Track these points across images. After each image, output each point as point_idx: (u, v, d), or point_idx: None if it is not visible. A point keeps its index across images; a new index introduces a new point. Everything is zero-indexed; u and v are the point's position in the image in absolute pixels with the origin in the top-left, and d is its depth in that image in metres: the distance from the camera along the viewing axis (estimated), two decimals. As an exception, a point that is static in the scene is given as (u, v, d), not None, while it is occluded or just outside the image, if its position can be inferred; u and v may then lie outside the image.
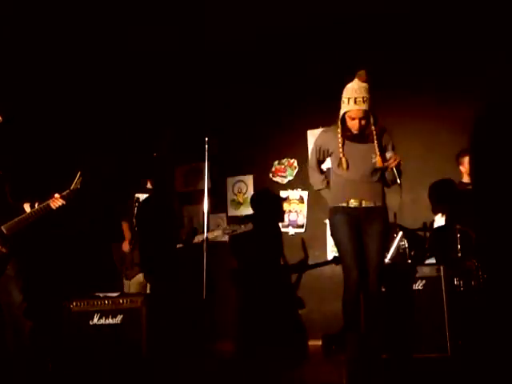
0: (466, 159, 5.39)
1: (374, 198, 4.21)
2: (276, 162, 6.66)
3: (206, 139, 5.01)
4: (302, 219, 6.46)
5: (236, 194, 6.79)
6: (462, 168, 5.50)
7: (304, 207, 6.48)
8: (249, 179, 6.76)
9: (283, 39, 6.38)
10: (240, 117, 6.72)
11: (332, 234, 4.29)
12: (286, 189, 6.58)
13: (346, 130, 4.21)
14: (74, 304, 4.74)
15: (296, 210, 6.50)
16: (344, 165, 4.16)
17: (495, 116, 5.33)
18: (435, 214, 5.56)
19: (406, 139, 5.85)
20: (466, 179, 5.49)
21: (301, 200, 6.47)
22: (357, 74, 4.21)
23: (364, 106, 4.09)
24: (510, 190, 5.28)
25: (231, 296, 6.12)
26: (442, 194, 5.63)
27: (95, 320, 4.68)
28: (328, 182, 4.39)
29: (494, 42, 5.68)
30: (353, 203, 4.18)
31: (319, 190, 4.46)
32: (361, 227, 4.20)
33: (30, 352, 4.11)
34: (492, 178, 5.30)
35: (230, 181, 6.82)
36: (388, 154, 4.16)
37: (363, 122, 4.14)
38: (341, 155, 4.18)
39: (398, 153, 4.25)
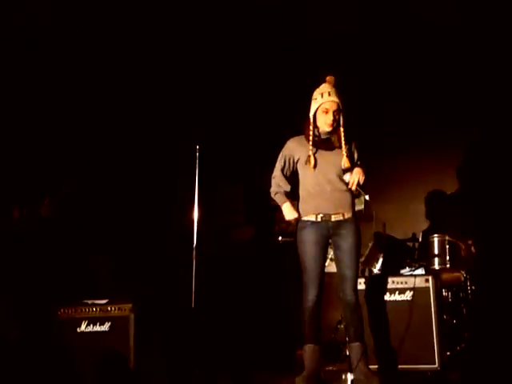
0: None
1: (343, 210, 4.19)
2: (267, 171, 6.64)
3: (197, 147, 5.00)
4: (292, 228, 6.42)
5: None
6: None
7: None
8: (239, 188, 6.75)
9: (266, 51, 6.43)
10: (233, 124, 6.71)
11: (298, 249, 4.29)
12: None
13: (315, 133, 4.23)
14: (62, 311, 4.72)
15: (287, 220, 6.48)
16: (312, 162, 4.17)
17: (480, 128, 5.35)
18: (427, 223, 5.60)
19: (395, 151, 5.91)
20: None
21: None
22: (326, 78, 4.30)
23: (337, 99, 4.16)
24: (498, 202, 5.33)
25: (222, 304, 6.12)
26: (434, 205, 5.67)
27: (83, 327, 4.66)
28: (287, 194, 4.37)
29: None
30: (321, 217, 4.17)
31: (275, 194, 4.41)
32: (332, 241, 4.22)
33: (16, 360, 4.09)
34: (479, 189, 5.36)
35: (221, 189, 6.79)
36: (346, 176, 4.14)
37: (336, 116, 4.17)
38: (310, 152, 4.18)
39: (386, 165, 4.28)
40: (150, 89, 6.63)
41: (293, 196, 4.35)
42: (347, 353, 4.36)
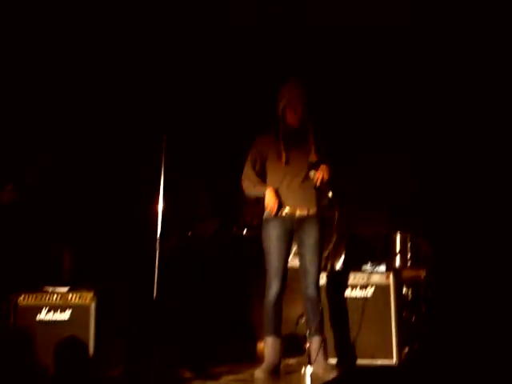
0: None
1: (308, 206, 4.24)
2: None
3: (164, 137, 4.96)
4: (257, 221, 6.44)
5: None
6: None
7: (260, 209, 6.47)
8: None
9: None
10: (201, 116, 6.70)
11: (262, 243, 4.33)
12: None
13: (284, 129, 4.25)
14: (22, 298, 4.66)
15: (254, 213, 6.50)
16: (284, 157, 4.19)
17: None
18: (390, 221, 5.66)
19: (357, 146, 5.96)
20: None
21: (256, 202, 6.46)
22: (290, 79, 4.35)
23: (304, 93, 4.24)
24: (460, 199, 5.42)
25: (184, 295, 6.12)
26: (397, 203, 5.74)
27: (42, 315, 4.61)
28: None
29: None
30: (286, 212, 4.20)
31: (249, 196, 4.50)
32: (295, 237, 4.26)
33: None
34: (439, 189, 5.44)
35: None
36: (311, 173, 4.18)
37: (304, 110, 4.23)
38: (281, 148, 4.22)
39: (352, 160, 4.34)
40: (117, 77, 6.58)
41: None
42: (307, 346, 4.43)
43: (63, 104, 6.37)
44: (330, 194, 4.14)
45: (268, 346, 4.22)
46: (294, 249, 4.46)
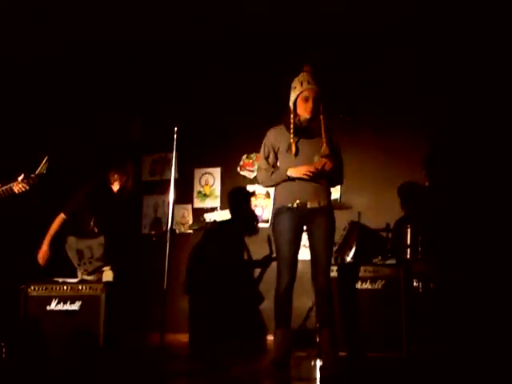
0: None
1: (319, 198, 4.22)
2: (244, 156, 6.65)
3: (176, 129, 4.96)
4: (267, 214, 6.46)
5: (203, 186, 6.76)
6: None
7: (270, 202, 6.48)
8: (216, 172, 6.74)
9: (260, 39, 6.41)
10: (210, 109, 6.70)
11: (273, 235, 4.32)
12: (253, 183, 6.57)
13: (295, 121, 4.24)
14: (32, 288, 4.69)
15: (262, 205, 6.51)
16: (293, 149, 4.18)
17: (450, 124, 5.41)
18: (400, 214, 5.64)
19: (366, 141, 5.95)
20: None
21: (267, 195, 6.47)
22: (304, 68, 4.34)
23: (316, 87, 4.22)
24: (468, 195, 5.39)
25: (195, 287, 6.14)
26: (409, 196, 5.71)
27: (53, 305, 4.64)
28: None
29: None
30: (298, 203, 4.19)
31: (268, 186, 4.44)
32: (306, 228, 4.24)
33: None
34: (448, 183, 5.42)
35: (198, 172, 6.79)
36: (315, 158, 4.18)
37: (316, 103, 4.21)
38: (291, 140, 4.20)
39: (362, 155, 4.32)
40: (128, 72, 6.62)
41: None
42: (317, 340, 4.42)
43: (74, 99, 6.40)
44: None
45: (278, 339, 4.20)
46: (305, 241, 4.43)
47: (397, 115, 6.03)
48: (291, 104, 4.30)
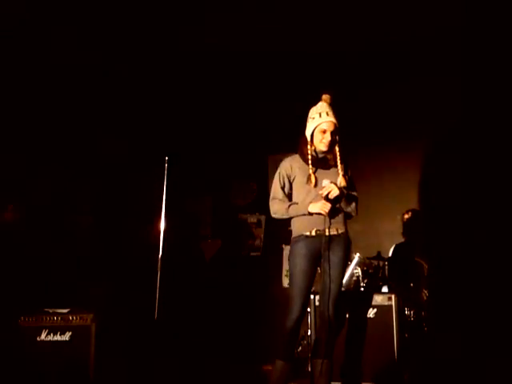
0: None
1: (337, 225, 4.20)
2: (236, 185, 6.67)
3: (166, 158, 4.98)
4: (258, 242, 6.47)
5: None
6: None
7: (261, 231, 6.49)
8: (207, 200, 6.76)
9: (248, 64, 6.43)
10: (202, 138, 6.73)
11: (289, 262, 4.28)
12: (244, 212, 6.59)
13: (311, 150, 4.24)
14: (22, 319, 4.65)
15: (253, 234, 6.52)
16: (313, 180, 4.16)
17: (446, 149, 5.48)
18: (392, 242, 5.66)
19: (363, 169, 5.98)
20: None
21: (258, 224, 6.49)
22: (323, 97, 4.30)
23: (335, 119, 4.19)
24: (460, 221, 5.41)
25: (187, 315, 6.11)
26: (399, 224, 5.74)
27: (43, 336, 4.60)
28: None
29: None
30: (316, 232, 4.17)
31: (283, 217, 4.34)
32: (322, 255, 4.20)
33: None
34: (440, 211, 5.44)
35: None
36: (324, 182, 4.16)
37: (333, 136, 4.19)
38: (310, 171, 4.17)
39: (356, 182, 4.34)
40: (120, 99, 6.62)
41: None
42: (309, 369, 4.39)
43: (67, 127, 6.41)
44: (349, 210, 4.25)
45: (277, 370, 4.10)
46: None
47: (389, 143, 6.07)
48: (308, 134, 4.26)
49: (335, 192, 4.08)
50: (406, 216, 5.66)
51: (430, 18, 5.62)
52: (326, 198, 4.09)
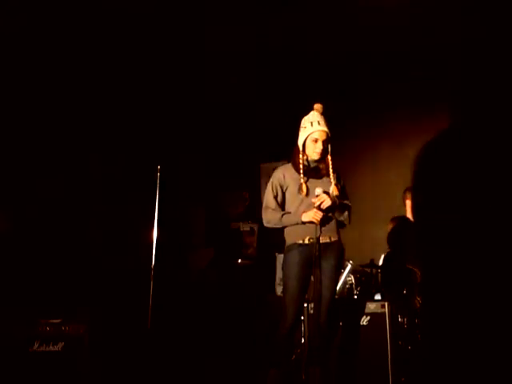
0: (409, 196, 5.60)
1: (330, 233, 4.22)
2: (228, 193, 6.68)
3: (158, 167, 4.99)
4: (251, 251, 6.47)
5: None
6: (407, 203, 5.66)
7: (254, 239, 6.49)
8: (200, 209, 6.76)
9: (240, 74, 6.45)
10: (194, 147, 6.73)
11: (283, 271, 4.28)
12: (237, 220, 6.59)
13: (303, 159, 4.26)
14: (15, 329, 4.62)
15: (246, 242, 6.52)
16: (304, 189, 4.17)
17: (435, 157, 5.54)
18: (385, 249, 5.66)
19: (354, 177, 5.99)
20: (409, 215, 5.65)
21: (251, 232, 6.49)
22: (314, 106, 4.32)
23: (327, 128, 4.21)
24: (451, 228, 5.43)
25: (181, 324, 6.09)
26: (398, 230, 5.74)
27: (35, 347, 4.57)
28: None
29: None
30: (309, 240, 4.17)
31: (275, 227, 4.35)
32: (315, 263, 4.19)
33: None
34: (431, 216, 5.47)
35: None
36: (317, 190, 4.16)
37: (325, 145, 4.21)
38: (302, 180, 4.18)
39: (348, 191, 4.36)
40: (112, 110, 6.62)
41: None
42: (303, 378, 4.38)
43: (61, 138, 6.39)
44: (342, 218, 4.28)
45: (271, 379, 4.11)
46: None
47: (382, 150, 6.10)
48: (300, 144, 4.27)
49: (327, 203, 4.10)
50: (390, 226, 5.68)
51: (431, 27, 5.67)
52: (319, 208, 4.11)
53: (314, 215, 4.10)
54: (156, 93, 6.68)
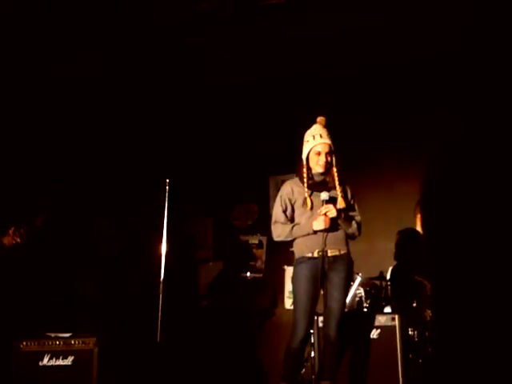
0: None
1: (339, 246, 4.22)
2: (237, 206, 6.67)
3: (167, 180, 4.99)
4: (260, 264, 6.45)
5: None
6: (417, 216, 5.65)
7: (263, 252, 6.48)
8: (208, 222, 6.75)
9: (247, 87, 6.47)
10: (202, 159, 6.73)
11: (292, 284, 4.28)
12: (245, 233, 6.58)
13: (309, 175, 4.26)
14: (24, 344, 4.62)
15: (254, 255, 6.50)
16: (308, 203, 4.18)
17: (443, 171, 5.53)
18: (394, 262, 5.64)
19: (364, 189, 5.97)
20: (419, 228, 5.63)
21: (260, 245, 6.47)
22: (317, 119, 4.34)
23: (329, 141, 4.23)
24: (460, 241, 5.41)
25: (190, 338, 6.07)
26: (405, 243, 5.72)
27: (45, 361, 4.56)
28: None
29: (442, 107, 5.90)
30: (318, 253, 4.16)
31: (286, 239, 4.36)
32: (325, 276, 4.19)
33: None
34: (442, 229, 5.45)
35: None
36: (323, 195, 4.15)
37: (329, 157, 4.23)
38: (306, 194, 4.20)
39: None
40: (120, 123, 6.64)
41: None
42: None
43: (70, 152, 6.42)
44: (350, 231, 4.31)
45: None
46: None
47: (390, 163, 6.09)
48: (304, 157, 4.30)
49: (332, 213, 4.10)
50: (397, 238, 5.69)
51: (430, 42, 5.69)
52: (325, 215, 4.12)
53: (324, 220, 4.10)
54: (166, 105, 6.72)
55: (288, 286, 6.10)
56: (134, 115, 6.79)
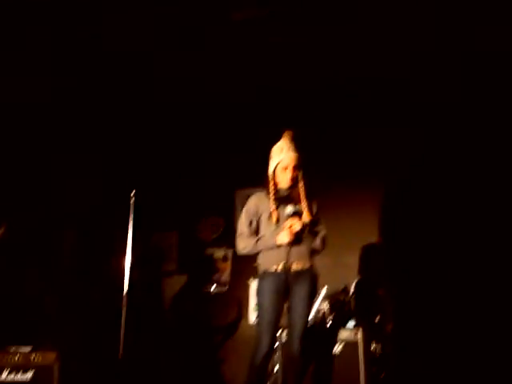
0: None
1: (303, 260, 4.23)
2: (203, 219, 6.65)
3: (133, 192, 4.95)
4: (225, 277, 6.43)
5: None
6: None
7: (228, 265, 6.46)
8: (173, 235, 6.71)
9: (214, 100, 6.46)
10: (168, 172, 6.70)
11: (257, 299, 4.28)
12: (211, 246, 6.55)
13: (275, 189, 4.27)
14: (-17, 358, 4.52)
15: (220, 268, 6.48)
16: (274, 217, 4.18)
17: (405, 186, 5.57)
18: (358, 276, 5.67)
19: (328, 203, 6.00)
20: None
21: (225, 258, 6.46)
22: (284, 134, 4.36)
23: (296, 154, 4.24)
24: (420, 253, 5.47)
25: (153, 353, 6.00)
26: (369, 257, 5.77)
27: (4, 376, 4.47)
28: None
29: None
30: (282, 267, 4.17)
31: (250, 253, 4.37)
32: (289, 290, 4.20)
33: None
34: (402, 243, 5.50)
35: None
36: (288, 209, 4.18)
37: (295, 172, 4.24)
38: (272, 208, 4.21)
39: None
40: (85, 134, 6.57)
41: None
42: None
43: (33, 164, 6.32)
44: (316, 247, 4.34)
45: None
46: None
47: (356, 178, 6.13)
48: (270, 172, 4.32)
49: (297, 227, 4.12)
50: (360, 252, 5.74)
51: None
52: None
53: (288, 233, 4.11)
54: (131, 116, 6.67)
55: (252, 300, 6.09)
56: (98, 127, 6.72)
